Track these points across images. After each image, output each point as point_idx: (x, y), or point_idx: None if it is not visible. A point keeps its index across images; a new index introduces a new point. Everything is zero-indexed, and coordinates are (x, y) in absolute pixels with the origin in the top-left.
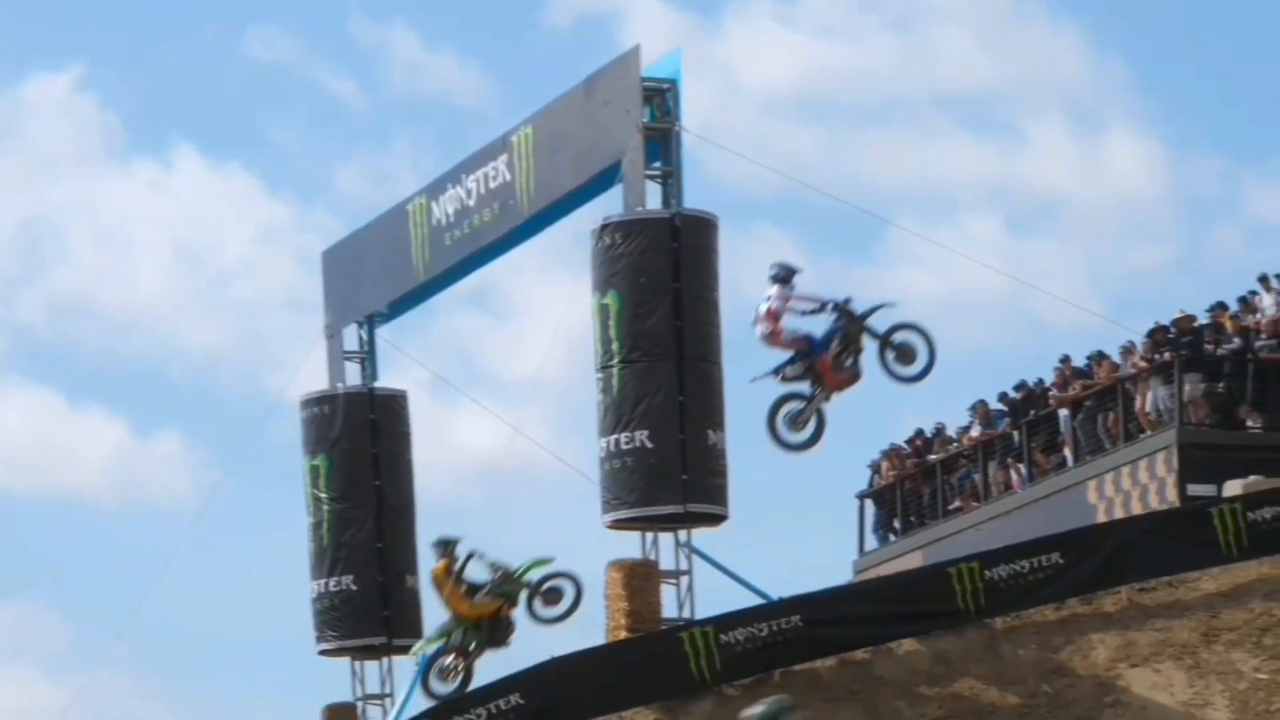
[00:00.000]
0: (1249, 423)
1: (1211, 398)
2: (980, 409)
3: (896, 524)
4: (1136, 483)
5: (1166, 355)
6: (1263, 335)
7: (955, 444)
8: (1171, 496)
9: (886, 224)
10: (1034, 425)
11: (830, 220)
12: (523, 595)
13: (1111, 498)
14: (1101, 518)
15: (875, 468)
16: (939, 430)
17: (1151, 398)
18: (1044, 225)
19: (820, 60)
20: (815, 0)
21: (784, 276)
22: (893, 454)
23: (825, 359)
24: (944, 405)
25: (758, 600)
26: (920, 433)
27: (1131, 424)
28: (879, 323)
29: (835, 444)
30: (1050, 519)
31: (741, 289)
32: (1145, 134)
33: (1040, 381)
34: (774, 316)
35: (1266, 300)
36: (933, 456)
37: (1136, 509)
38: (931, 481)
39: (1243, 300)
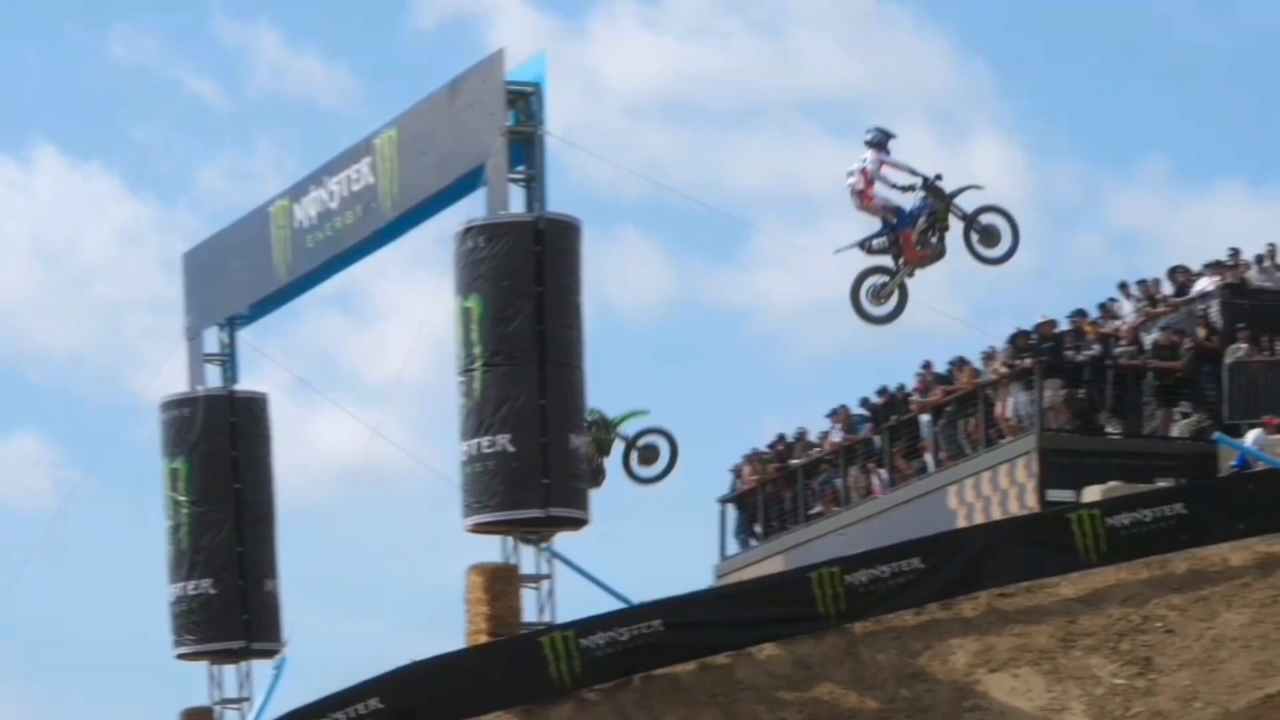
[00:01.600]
0: (1108, 428)
1: (1071, 403)
2: (842, 414)
3: (758, 528)
4: (997, 488)
5: (1027, 361)
6: (1122, 342)
7: (817, 449)
8: (1031, 502)
9: (750, 228)
10: (895, 430)
11: (694, 223)
12: (617, 446)
13: (972, 503)
14: (962, 523)
15: (737, 472)
16: (800, 435)
17: (1012, 403)
18: None
19: (685, 63)
20: (680, 3)
21: (880, 141)
22: (754, 458)
23: (909, 233)
24: (806, 410)
25: (619, 604)
26: (782, 437)
27: (992, 429)
28: (966, 203)
29: (697, 448)
30: (911, 524)
31: (605, 293)
32: (1008, 140)
33: (902, 387)
34: (868, 179)
35: (1126, 307)
36: (794, 461)
37: (997, 514)
38: (793, 486)
39: (1103, 307)
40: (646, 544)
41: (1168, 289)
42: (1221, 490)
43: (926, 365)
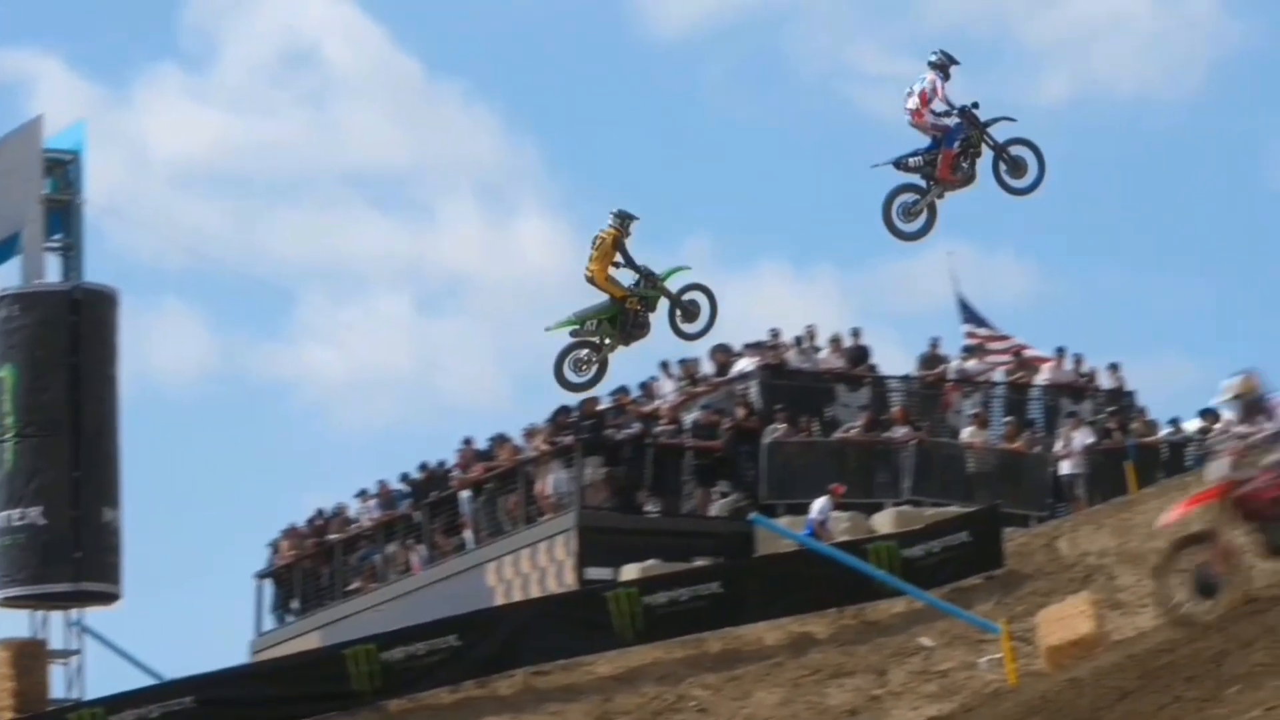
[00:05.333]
0: (647, 507)
1: (611, 482)
2: (382, 489)
3: (295, 604)
4: (536, 565)
5: (568, 439)
6: (662, 421)
7: (356, 524)
8: (570, 580)
9: (294, 301)
10: (435, 506)
11: (238, 295)
12: (662, 302)
13: (511, 580)
14: (500, 600)
15: (275, 547)
16: (339, 510)
17: (552, 480)
18: (453, 304)
19: (231, 134)
20: (227, 74)
21: (943, 63)
22: (292, 534)
23: (950, 152)
24: (347, 485)
25: (151, 680)
26: (320, 513)
27: (532, 507)
28: (998, 134)
29: (234, 522)
30: (450, 601)
31: (145, 364)
32: (554, 216)
33: (442, 463)
34: (925, 99)
35: (667, 386)
36: (332, 536)
37: (535, 592)
38: (331, 562)
39: (644, 385)
40: (183, 619)
41: (708, 369)
42: (757, 570)
43: (467, 441)
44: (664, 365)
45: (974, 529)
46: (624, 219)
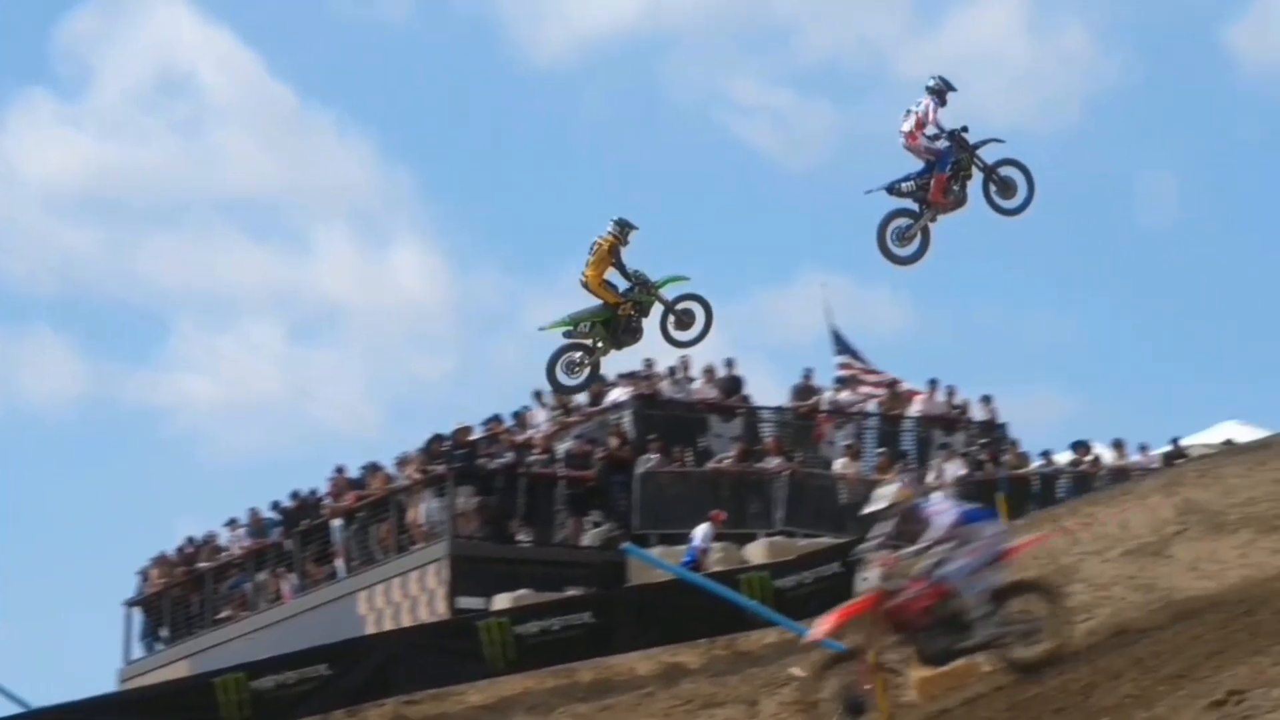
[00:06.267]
0: (519, 536)
1: (484, 511)
2: (253, 517)
3: (164, 632)
4: (407, 594)
5: (440, 467)
6: (535, 450)
7: (226, 552)
8: (441, 609)
9: (167, 328)
10: (307, 535)
11: (110, 322)
12: (656, 309)
13: (382, 609)
14: (371, 629)
15: (144, 574)
16: (209, 538)
17: (424, 509)
18: (326, 333)
19: (104, 160)
20: (99, 99)
21: (940, 89)
22: (162, 561)
23: (943, 176)
24: (218, 511)
25: (18, 709)
26: (191, 540)
27: (404, 535)
28: (988, 155)
29: (103, 550)
30: (320, 629)
31: (15, 391)
32: (430, 246)
33: (314, 491)
34: (920, 123)
35: (540, 415)
36: (203, 564)
37: (407, 621)
38: (201, 590)
39: (517, 414)
40: (49, 646)
41: (581, 398)
42: (629, 600)
43: (339, 469)
44: (537, 394)
45: (846, 560)
46: (623, 227)
